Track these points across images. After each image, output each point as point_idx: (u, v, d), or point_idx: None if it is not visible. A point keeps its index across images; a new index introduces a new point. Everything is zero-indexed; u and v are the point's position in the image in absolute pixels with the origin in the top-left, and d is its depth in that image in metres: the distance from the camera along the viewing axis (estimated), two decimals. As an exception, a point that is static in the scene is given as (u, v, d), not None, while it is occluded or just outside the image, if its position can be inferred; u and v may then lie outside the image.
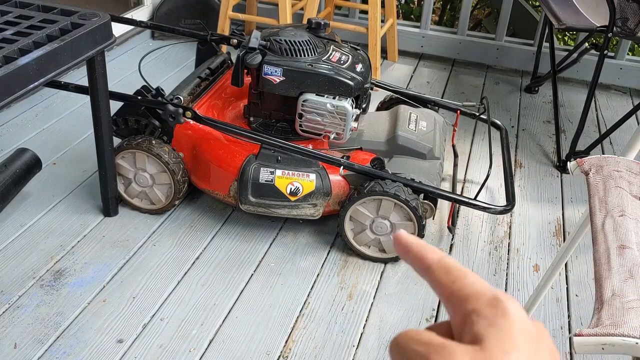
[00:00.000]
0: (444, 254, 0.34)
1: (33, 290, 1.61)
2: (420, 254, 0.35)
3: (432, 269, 0.34)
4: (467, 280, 0.32)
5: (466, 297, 0.32)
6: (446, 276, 0.33)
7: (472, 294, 0.32)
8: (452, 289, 0.32)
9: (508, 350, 0.29)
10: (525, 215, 2.06)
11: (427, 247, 0.35)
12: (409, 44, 3.15)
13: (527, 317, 0.31)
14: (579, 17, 2.29)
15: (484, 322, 0.30)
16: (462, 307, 0.31)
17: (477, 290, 0.32)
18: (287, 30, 1.78)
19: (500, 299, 0.31)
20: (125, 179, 1.86)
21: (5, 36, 1.42)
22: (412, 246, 0.35)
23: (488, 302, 0.31)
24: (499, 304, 0.31)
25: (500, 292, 0.32)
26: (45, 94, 2.49)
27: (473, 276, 0.33)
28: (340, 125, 1.73)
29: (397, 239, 0.36)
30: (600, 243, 1.08)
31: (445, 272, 0.33)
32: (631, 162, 1.29)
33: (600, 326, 0.90)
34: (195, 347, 1.49)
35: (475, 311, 0.31)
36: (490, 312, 0.30)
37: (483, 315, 0.30)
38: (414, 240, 0.35)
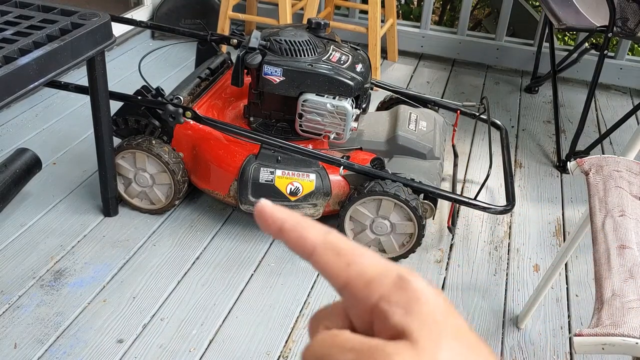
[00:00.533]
0: (328, 229, 0.28)
1: (33, 290, 1.61)
2: (297, 233, 0.28)
3: (317, 251, 0.28)
4: (364, 262, 0.28)
5: (368, 283, 0.27)
6: (338, 260, 0.28)
7: (374, 278, 0.27)
8: (347, 275, 0.27)
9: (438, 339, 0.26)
10: (525, 215, 2.06)
11: (304, 222, 0.29)
12: (409, 44, 3.15)
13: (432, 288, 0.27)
14: (579, 17, 2.29)
15: (400, 312, 0.26)
16: (366, 294, 0.27)
17: (378, 272, 0.27)
18: (287, 30, 1.78)
19: (405, 278, 0.27)
20: (125, 179, 1.86)
21: (5, 36, 1.42)
22: (284, 223, 0.28)
23: (394, 284, 0.27)
24: (407, 285, 0.27)
25: (401, 269, 0.28)
26: (45, 94, 2.49)
27: (369, 255, 0.28)
28: (340, 125, 1.73)
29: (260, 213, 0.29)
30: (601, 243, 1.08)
31: (335, 254, 0.28)
32: (631, 162, 1.29)
33: (601, 326, 0.90)
34: (195, 347, 1.49)
35: (383, 298, 0.27)
36: (401, 298, 0.26)
37: (395, 303, 0.26)
38: (285, 215, 0.29)
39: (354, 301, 0.27)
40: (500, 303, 1.70)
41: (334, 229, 0.29)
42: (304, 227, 0.28)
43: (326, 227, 0.29)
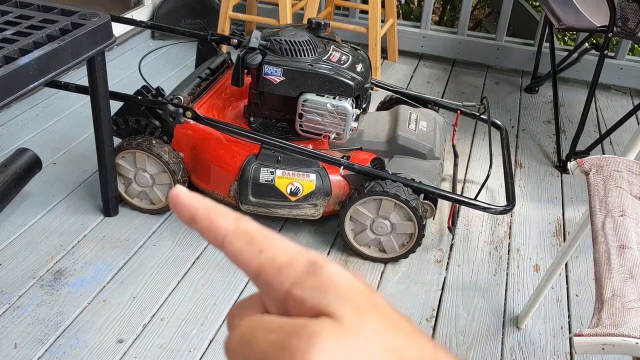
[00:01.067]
0: (240, 216, 0.28)
1: (33, 290, 1.61)
2: (209, 221, 0.28)
3: (228, 239, 0.28)
4: (275, 249, 0.27)
5: (279, 269, 0.27)
6: (249, 247, 0.27)
7: (285, 265, 0.27)
8: (260, 261, 0.27)
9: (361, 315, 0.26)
10: (526, 215, 2.06)
11: (217, 209, 0.28)
12: (409, 44, 3.15)
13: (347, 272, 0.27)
14: (579, 17, 2.29)
15: (316, 294, 0.26)
16: (278, 281, 0.27)
17: (289, 258, 0.27)
18: (287, 30, 1.78)
19: (317, 263, 0.27)
20: (125, 179, 1.86)
21: (6, 36, 1.42)
22: (198, 211, 0.28)
23: (306, 270, 0.27)
24: (320, 271, 0.26)
25: (312, 254, 0.27)
26: (46, 94, 2.49)
27: (280, 241, 0.28)
28: (340, 125, 1.73)
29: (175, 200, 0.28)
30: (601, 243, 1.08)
31: (247, 241, 0.27)
32: (631, 162, 1.29)
33: (601, 326, 0.90)
34: (195, 347, 1.49)
35: (295, 284, 0.26)
36: (315, 282, 0.26)
37: (309, 287, 0.26)
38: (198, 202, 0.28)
39: (268, 289, 0.27)
40: (501, 303, 1.70)
41: (247, 217, 0.28)
42: (215, 215, 0.28)
43: (238, 214, 0.28)
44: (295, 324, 0.25)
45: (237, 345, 0.26)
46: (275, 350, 0.24)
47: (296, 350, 0.24)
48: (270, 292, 0.27)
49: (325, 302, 0.26)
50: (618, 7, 2.05)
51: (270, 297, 0.27)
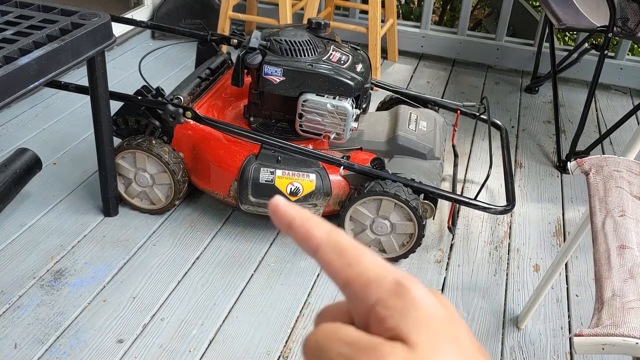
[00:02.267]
0: (333, 228, 0.29)
1: (33, 290, 1.61)
2: (304, 230, 0.29)
3: (321, 249, 0.29)
4: (364, 263, 0.28)
5: (366, 284, 0.28)
6: (340, 259, 0.28)
7: (372, 280, 0.28)
8: (348, 274, 0.28)
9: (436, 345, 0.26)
10: (526, 215, 2.06)
11: (312, 220, 0.29)
12: (409, 44, 3.15)
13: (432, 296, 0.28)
14: (579, 17, 2.29)
15: (396, 315, 0.27)
16: (364, 295, 0.28)
17: (377, 275, 0.28)
18: (288, 30, 1.78)
19: (403, 284, 0.27)
20: (125, 179, 1.86)
21: (6, 36, 1.42)
22: (294, 220, 0.29)
23: (391, 290, 0.27)
24: (405, 293, 0.27)
25: (400, 274, 0.28)
26: (46, 94, 2.49)
27: (370, 256, 0.29)
28: (340, 125, 1.73)
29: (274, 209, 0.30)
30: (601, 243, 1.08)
31: (338, 254, 0.29)
32: (631, 162, 1.29)
33: (601, 326, 0.90)
34: (195, 347, 1.49)
35: (380, 302, 0.27)
36: (398, 303, 0.27)
37: (392, 307, 0.27)
38: (295, 212, 0.30)
39: (354, 301, 0.28)
40: (501, 303, 1.70)
41: (340, 229, 0.29)
42: (311, 225, 0.29)
43: (332, 226, 0.29)
44: (368, 343, 0.26)
45: (312, 347, 0.27)
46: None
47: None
48: (356, 304, 0.28)
49: (403, 326, 0.26)
50: (618, 7, 2.05)
51: (355, 309, 0.28)
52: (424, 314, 0.27)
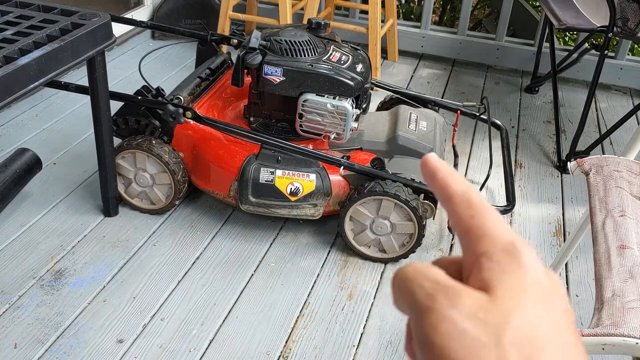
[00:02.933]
0: (471, 187, 0.31)
1: (33, 290, 1.61)
2: (444, 181, 0.31)
3: (453, 200, 0.31)
4: (487, 219, 0.30)
5: (482, 237, 0.29)
6: (466, 210, 0.30)
7: (488, 235, 0.29)
8: (469, 224, 0.30)
9: (519, 303, 0.26)
10: (526, 215, 2.06)
11: (455, 175, 0.32)
12: (409, 44, 3.15)
13: (543, 268, 0.29)
14: (579, 17, 2.29)
15: (496, 269, 0.28)
16: (476, 246, 0.29)
17: (495, 231, 0.29)
18: (288, 30, 1.78)
19: (517, 246, 0.28)
20: (125, 179, 1.86)
21: (6, 36, 1.42)
22: (439, 172, 0.32)
23: (504, 247, 0.28)
24: (515, 252, 0.28)
25: (519, 239, 0.29)
26: (46, 94, 2.49)
27: (495, 216, 0.30)
28: (340, 125, 1.73)
29: (425, 162, 0.32)
30: (601, 243, 1.07)
31: (466, 205, 0.30)
32: (631, 162, 1.29)
33: (601, 326, 0.90)
34: (195, 347, 1.49)
35: (486, 254, 0.28)
36: (504, 259, 0.28)
37: (495, 261, 0.28)
38: (442, 167, 0.32)
39: (467, 251, 0.29)
40: (501, 303, 1.69)
41: (476, 188, 0.31)
42: (452, 178, 0.31)
43: (470, 185, 0.31)
44: (450, 285, 0.27)
45: (400, 278, 0.29)
46: (422, 297, 0.27)
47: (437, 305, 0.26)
48: (467, 255, 0.29)
49: (496, 281, 0.27)
50: (618, 7, 2.05)
51: (466, 260, 0.29)
52: (525, 279, 0.27)
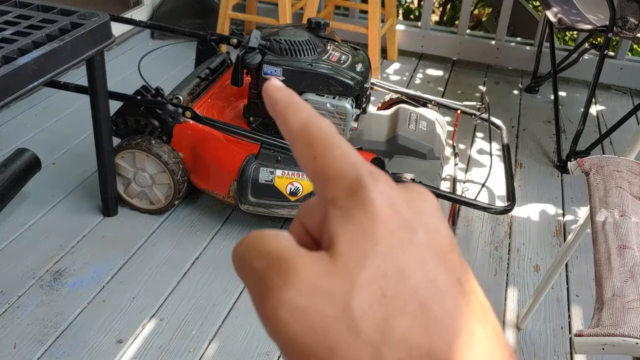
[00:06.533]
0: (312, 117, 0.25)
1: (33, 290, 1.61)
2: (283, 115, 0.25)
3: (292, 138, 0.25)
4: (331, 156, 0.24)
5: (327, 180, 0.23)
6: (308, 149, 0.24)
7: (333, 176, 0.23)
8: (313, 167, 0.24)
9: (364, 254, 0.22)
10: (526, 215, 2.05)
11: (295, 106, 0.25)
12: (409, 44, 3.15)
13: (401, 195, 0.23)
14: (580, 17, 2.29)
15: (339, 217, 0.22)
16: (323, 193, 0.24)
17: (340, 170, 0.23)
18: (287, 30, 1.78)
19: (362, 182, 0.23)
20: (124, 179, 1.86)
21: (5, 36, 1.42)
22: (276, 105, 0.26)
23: (348, 187, 0.23)
24: (359, 190, 0.23)
25: (367, 172, 0.23)
26: (45, 94, 2.49)
27: (341, 150, 0.24)
28: (340, 125, 1.72)
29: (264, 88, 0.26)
30: (601, 243, 1.07)
31: (306, 143, 0.24)
32: (631, 162, 1.29)
33: (601, 326, 0.90)
34: (195, 347, 1.48)
35: (332, 200, 0.23)
36: (347, 202, 0.23)
37: (340, 207, 0.23)
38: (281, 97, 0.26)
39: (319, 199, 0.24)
40: (501, 303, 1.69)
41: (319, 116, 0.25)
42: (291, 111, 0.25)
43: (312, 114, 0.25)
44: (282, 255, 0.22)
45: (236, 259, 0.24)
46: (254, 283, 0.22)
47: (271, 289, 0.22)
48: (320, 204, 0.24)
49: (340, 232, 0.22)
50: (618, 7, 2.05)
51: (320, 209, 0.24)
52: (373, 219, 0.22)
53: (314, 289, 0.21)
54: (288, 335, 0.21)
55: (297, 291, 0.21)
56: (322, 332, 0.21)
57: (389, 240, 0.22)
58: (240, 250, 0.24)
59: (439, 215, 0.24)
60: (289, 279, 0.21)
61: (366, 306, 0.21)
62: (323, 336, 0.21)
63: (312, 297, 0.21)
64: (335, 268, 0.21)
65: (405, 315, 0.21)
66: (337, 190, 0.23)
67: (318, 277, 0.21)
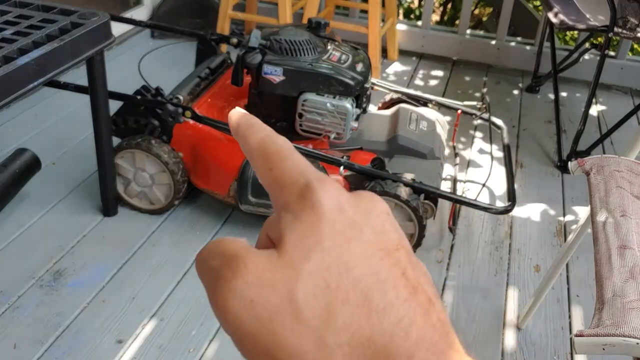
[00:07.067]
0: (269, 135, 0.27)
1: (33, 290, 1.61)
2: (244, 137, 0.28)
3: (252, 156, 0.27)
4: (284, 166, 0.26)
5: (281, 189, 0.25)
6: (264, 163, 0.26)
7: (286, 184, 0.25)
8: (268, 179, 0.26)
9: (309, 248, 0.23)
10: (526, 215, 2.05)
11: (253, 128, 0.28)
12: (410, 44, 3.15)
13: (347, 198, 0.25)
14: (580, 17, 2.29)
15: (289, 219, 0.24)
16: (278, 201, 0.26)
17: (291, 178, 0.25)
18: (287, 30, 1.78)
19: (311, 186, 0.24)
20: (124, 179, 1.86)
21: (5, 36, 1.42)
22: (239, 128, 0.28)
23: (299, 192, 0.25)
24: (308, 194, 0.24)
25: (316, 177, 0.25)
26: (45, 94, 2.48)
27: (292, 160, 0.26)
28: (340, 125, 1.72)
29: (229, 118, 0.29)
30: (601, 243, 1.07)
31: (263, 158, 0.27)
32: (632, 162, 1.28)
33: (601, 326, 0.90)
34: (194, 348, 1.48)
35: (285, 206, 0.25)
36: (297, 205, 0.24)
37: (291, 210, 0.24)
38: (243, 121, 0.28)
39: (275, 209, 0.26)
40: (501, 303, 1.69)
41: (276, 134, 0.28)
42: (250, 132, 0.28)
43: (270, 132, 0.28)
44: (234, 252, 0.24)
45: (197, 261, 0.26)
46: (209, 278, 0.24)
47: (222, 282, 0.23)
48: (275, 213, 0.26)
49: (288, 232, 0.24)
50: (618, 6, 2.05)
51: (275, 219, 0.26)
52: (319, 219, 0.24)
53: (261, 281, 0.23)
54: (237, 325, 0.23)
55: (244, 282, 0.23)
56: (268, 319, 0.22)
57: (335, 238, 0.23)
58: (201, 253, 0.26)
59: (387, 218, 0.26)
60: (238, 271, 0.23)
61: (310, 296, 0.22)
62: (268, 323, 0.22)
63: (258, 287, 0.23)
64: (282, 262, 0.23)
65: (347, 305, 0.22)
66: (288, 196, 0.25)
67: (265, 271, 0.23)
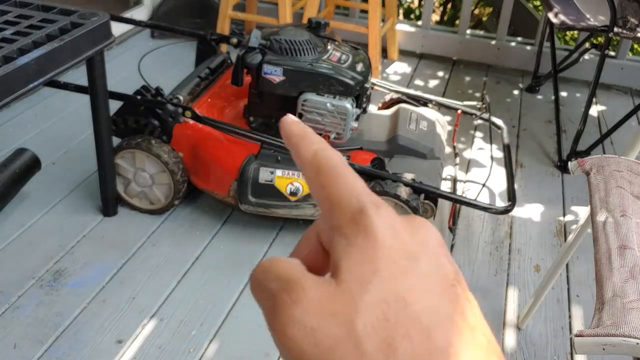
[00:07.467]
0: (323, 149, 0.27)
1: (32, 290, 1.61)
2: (296, 147, 0.27)
3: (304, 168, 0.27)
4: (337, 186, 0.25)
5: (333, 208, 0.25)
6: (317, 178, 0.26)
7: (338, 205, 0.25)
8: (320, 195, 0.26)
9: (366, 280, 0.23)
10: (526, 215, 2.05)
11: (306, 138, 0.27)
12: (410, 44, 3.15)
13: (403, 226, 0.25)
14: (580, 17, 2.29)
15: (343, 244, 0.24)
16: (330, 221, 0.25)
17: (344, 199, 0.25)
18: (287, 30, 1.78)
19: (364, 211, 0.24)
20: (124, 179, 1.86)
21: (5, 36, 1.42)
22: (291, 138, 0.28)
23: (352, 216, 0.24)
24: (361, 219, 0.24)
25: (370, 202, 0.25)
26: (45, 94, 2.48)
27: (346, 180, 0.26)
28: (340, 124, 1.72)
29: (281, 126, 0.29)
30: (602, 243, 1.07)
31: (316, 172, 0.26)
32: (632, 162, 1.28)
33: (601, 326, 0.90)
34: (194, 348, 1.48)
35: (337, 228, 0.24)
36: (350, 230, 0.24)
37: (344, 235, 0.24)
38: (296, 130, 0.28)
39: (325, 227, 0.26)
40: (501, 303, 1.69)
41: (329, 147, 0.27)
42: (303, 143, 0.27)
43: (323, 145, 0.27)
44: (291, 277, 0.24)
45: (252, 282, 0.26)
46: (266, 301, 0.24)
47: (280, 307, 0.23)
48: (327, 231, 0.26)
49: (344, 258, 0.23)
50: (618, 6, 2.05)
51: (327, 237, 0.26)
52: (375, 247, 0.23)
53: (321, 309, 0.23)
54: (296, 351, 0.23)
55: (304, 310, 0.23)
56: (329, 349, 0.22)
57: (391, 267, 0.23)
58: (256, 273, 0.25)
59: (443, 249, 0.25)
60: (297, 298, 0.23)
61: (369, 328, 0.22)
62: (329, 352, 0.22)
63: (318, 316, 0.22)
64: (339, 291, 0.23)
65: (408, 341, 0.22)
66: (341, 218, 0.24)
67: (324, 299, 0.23)
